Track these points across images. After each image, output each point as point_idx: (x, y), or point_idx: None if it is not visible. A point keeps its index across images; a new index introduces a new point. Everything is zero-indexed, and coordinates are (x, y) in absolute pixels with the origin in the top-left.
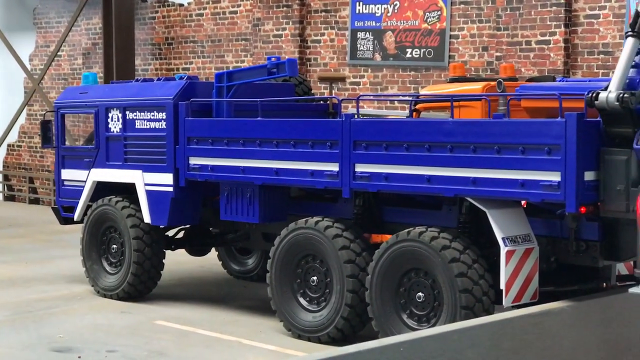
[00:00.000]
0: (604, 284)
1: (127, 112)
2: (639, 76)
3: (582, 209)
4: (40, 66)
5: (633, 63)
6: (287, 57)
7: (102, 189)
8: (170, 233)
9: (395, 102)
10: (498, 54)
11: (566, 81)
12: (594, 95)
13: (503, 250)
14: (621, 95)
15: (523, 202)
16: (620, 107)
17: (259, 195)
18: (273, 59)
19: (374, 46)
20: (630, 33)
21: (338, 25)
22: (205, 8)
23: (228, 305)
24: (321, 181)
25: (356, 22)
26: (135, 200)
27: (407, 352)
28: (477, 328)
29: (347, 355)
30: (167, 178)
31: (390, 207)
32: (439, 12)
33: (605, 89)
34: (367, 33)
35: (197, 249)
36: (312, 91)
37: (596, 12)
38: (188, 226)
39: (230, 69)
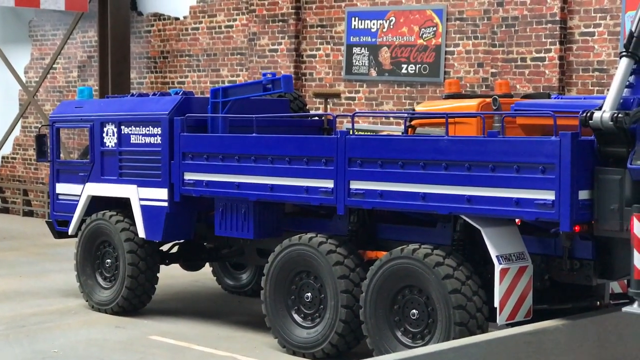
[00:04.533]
0: (598, 303)
1: (123, 127)
2: (633, 96)
3: (576, 228)
4: (35, 79)
5: (627, 83)
6: (282, 71)
7: (96, 204)
8: (165, 248)
9: (391, 117)
10: (493, 70)
11: (561, 98)
12: (589, 114)
13: (497, 268)
14: (615, 115)
15: (517, 220)
16: (615, 127)
17: (254, 211)
18: (268, 74)
19: (370, 61)
20: (624, 53)
21: (334, 40)
22: (200, 22)
23: (222, 320)
24: (316, 198)
25: (352, 37)
26: (129, 215)
27: None
28: (471, 346)
29: None
30: (161, 193)
31: (384, 224)
32: (435, 28)
33: (600, 108)
34: (363, 48)
35: (192, 264)
36: (307, 107)
37: (591, 29)
38: (182, 241)
39: (226, 83)
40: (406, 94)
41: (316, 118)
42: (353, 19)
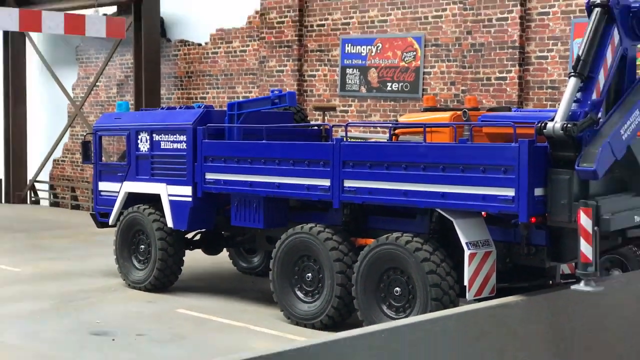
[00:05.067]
0: (550, 282)
1: (154, 135)
2: (580, 109)
3: (532, 219)
4: (81, 95)
5: (575, 98)
6: (287, 89)
7: (132, 199)
8: (189, 235)
9: (378, 127)
10: (463, 88)
11: (520, 111)
12: (543, 124)
13: (466, 252)
14: (565, 125)
15: (483, 213)
16: (565, 135)
17: (264, 205)
18: (276, 91)
19: (360, 80)
20: (572, 73)
21: (330, 62)
22: (219, 47)
23: (238, 296)
24: (315, 194)
25: (345, 60)
26: (160, 208)
27: (387, 338)
28: (445, 318)
29: (339, 340)
30: (186, 190)
31: (373, 215)
32: (415, 53)
33: (552, 119)
34: (354, 69)
35: (212, 249)
36: (308, 118)
37: (545, 53)
38: (204, 230)
39: (240, 98)
40: (391, 108)
41: (315, 127)
42: (346, 45)
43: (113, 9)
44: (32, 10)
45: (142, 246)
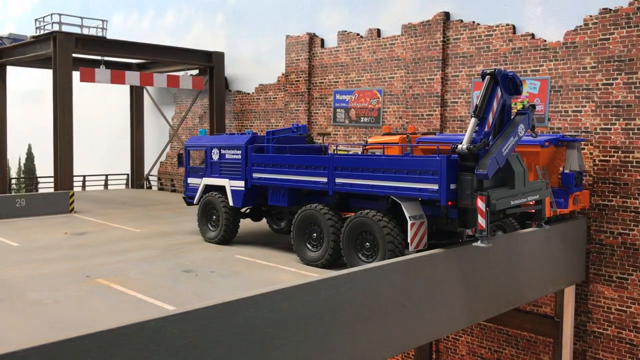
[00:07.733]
0: (460, 240)
1: (221, 150)
2: (477, 137)
3: (449, 203)
4: (176, 123)
5: (474, 130)
6: (301, 122)
7: (208, 188)
8: (243, 210)
9: (355, 145)
10: (407, 121)
11: (441, 135)
12: (455, 146)
13: (409, 222)
14: (468, 146)
15: (419, 199)
16: (468, 152)
17: (287, 192)
18: (295, 123)
19: (345, 116)
20: (472, 115)
21: (327, 105)
22: (260, 95)
23: (271, 246)
24: (318, 186)
25: (336, 103)
26: (224, 194)
27: (362, 275)
28: (397, 263)
29: (338, 276)
30: (241, 183)
31: (353, 199)
32: (378, 99)
33: (461, 142)
34: (342, 109)
35: (256, 218)
36: (314, 139)
37: (457, 100)
38: (251, 206)
39: (273, 127)
40: (363, 132)
41: (318, 145)
42: (337, 94)
43: (196, 71)
44: (147, 73)
45: (214, 217)
